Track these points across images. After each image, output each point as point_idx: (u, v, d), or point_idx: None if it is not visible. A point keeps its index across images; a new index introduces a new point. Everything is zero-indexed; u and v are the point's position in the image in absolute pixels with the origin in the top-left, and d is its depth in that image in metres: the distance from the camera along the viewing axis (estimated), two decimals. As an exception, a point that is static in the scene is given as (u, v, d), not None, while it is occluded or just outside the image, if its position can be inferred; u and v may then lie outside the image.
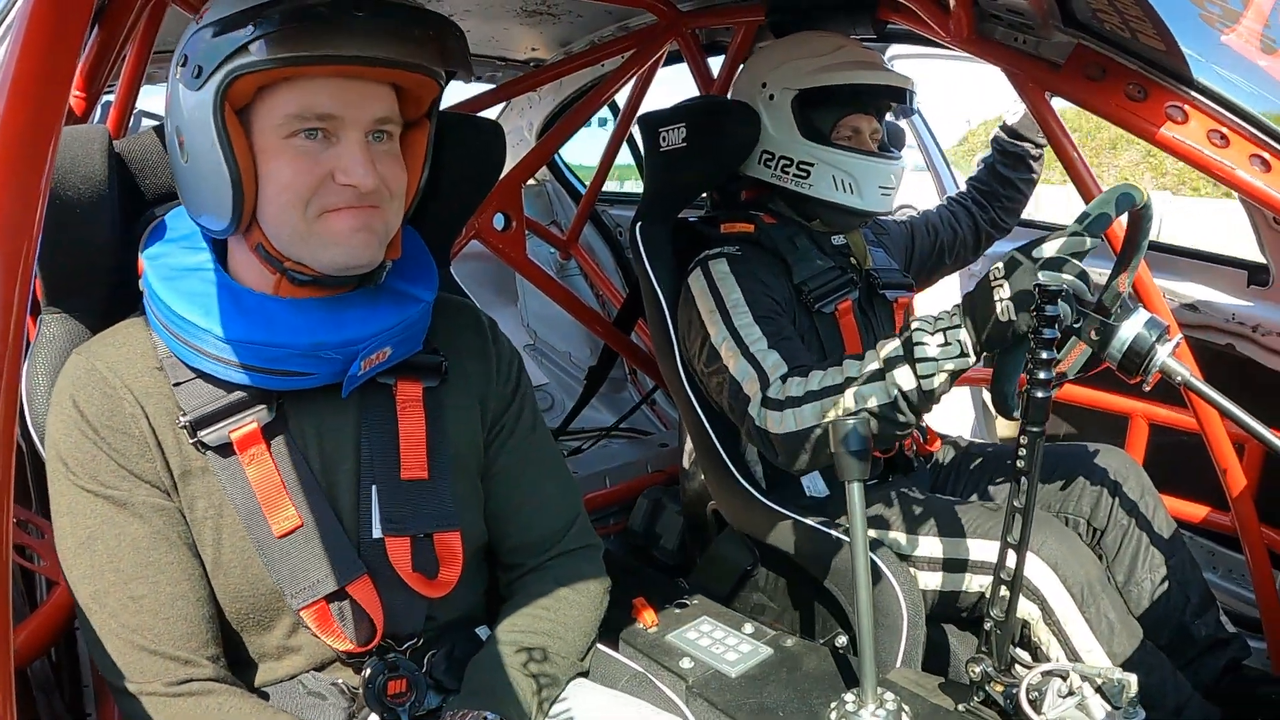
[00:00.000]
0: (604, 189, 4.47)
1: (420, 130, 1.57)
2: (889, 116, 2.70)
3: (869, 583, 1.66)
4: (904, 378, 1.94)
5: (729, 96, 2.80)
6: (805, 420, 2.11)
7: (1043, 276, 1.75)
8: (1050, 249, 1.78)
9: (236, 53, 1.31)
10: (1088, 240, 1.77)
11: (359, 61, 1.35)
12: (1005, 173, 3.04)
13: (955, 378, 1.95)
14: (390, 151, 1.48)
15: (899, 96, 2.59)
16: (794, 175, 2.56)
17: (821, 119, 2.55)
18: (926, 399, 1.95)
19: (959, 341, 1.88)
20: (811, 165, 2.54)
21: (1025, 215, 3.23)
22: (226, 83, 1.33)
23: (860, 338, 2.56)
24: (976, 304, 1.85)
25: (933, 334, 1.91)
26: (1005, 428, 4.10)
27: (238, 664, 1.52)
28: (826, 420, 2.07)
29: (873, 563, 2.22)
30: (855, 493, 1.64)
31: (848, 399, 2.03)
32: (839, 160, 2.53)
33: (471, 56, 4.04)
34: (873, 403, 1.98)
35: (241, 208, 1.40)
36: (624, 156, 4.51)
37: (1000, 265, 1.82)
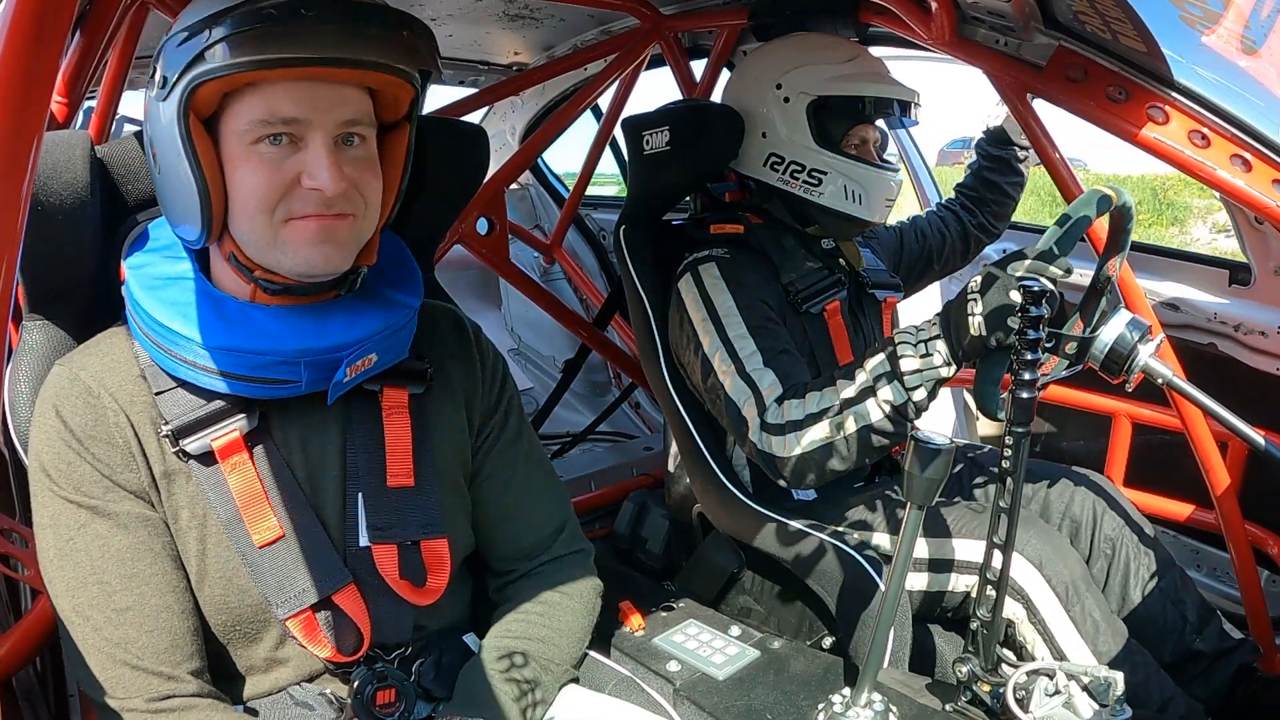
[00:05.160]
0: (587, 193, 4.47)
1: (399, 133, 1.56)
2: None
3: (897, 597, 1.64)
4: (892, 393, 2.02)
5: (721, 94, 2.79)
6: (808, 443, 2.14)
7: (1018, 271, 1.81)
8: (1023, 267, 1.83)
9: (195, 60, 1.31)
10: (1057, 255, 1.83)
11: (314, 63, 1.33)
12: (991, 177, 3.05)
13: (940, 386, 2.02)
14: (362, 156, 1.45)
15: (906, 108, 2.60)
16: (804, 182, 2.55)
17: (834, 127, 2.55)
18: (914, 410, 2.03)
19: (939, 353, 1.96)
20: (825, 174, 2.53)
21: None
22: (188, 91, 1.32)
23: (849, 338, 2.57)
24: (952, 317, 1.93)
25: (914, 345, 1.99)
26: (985, 427, 4.10)
27: (225, 677, 1.51)
28: (828, 441, 2.12)
29: (860, 563, 2.23)
30: (913, 519, 1.62)
31: (845, 419, 2.09)
32: (853, 171, 2.53)
33: (454, 61, 4.08)
34: (868, 420, 2.06)
35: (210, 217, 1.39)
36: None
37: (978, 279, 1.89)
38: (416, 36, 1.41)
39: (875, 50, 2.74)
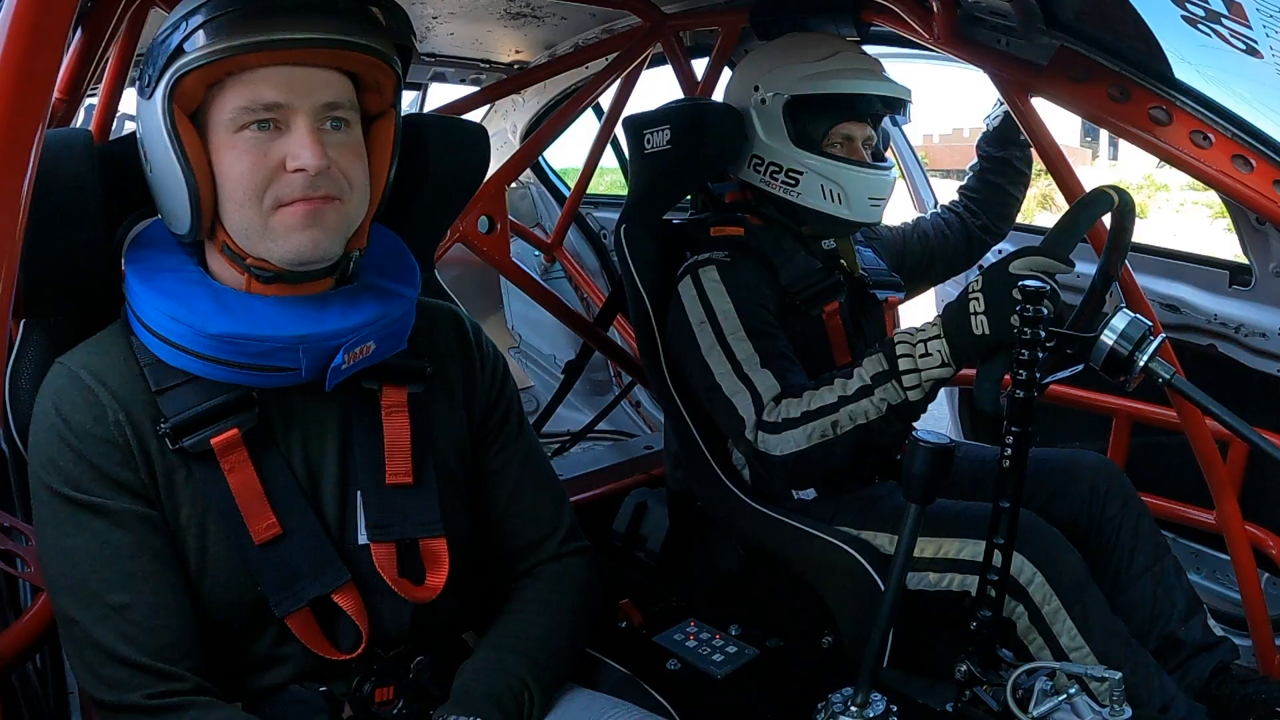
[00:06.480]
0: (588, 191, 4.47)
1: (385, 122, 1.58)
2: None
3: (897, 597, 1.63)
4: (890, 392, 2.02)
5: (721, 98, 2.79)
6: (803, 442, 2.14)
7: (1020, 269, 1.82)
8: (1024, 264, 1.84)
9: (175, 54, 1.35)
10: (1058, 253, 1.86)
11: (287, 44, 1.36)
12: (993, 178, 3.03)
13: (939, 387, 2.02)
14: (347, 141, 1.47)
15: (895, 105, 2.59)
16: (783, 182, 2.55)
17: (814, 126, 2.54)
18: (913, 409, 2.03)
19: (938, 353, 1.96)
20: (800, 173, 2.53)
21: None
22: (171, 84, 1.36)
23: (848, 340, 2.56)
24: (954, 316, 1.93)
25: (913, 345, 1.99)
26: (977, 426, 4.09)
27: (224, 675, 1.50)
28: (824, 440, 2.11)
29: (859, 562, 2.23)
30: (913, 518, 1.62)
31: (842, 418, 2.08)
32: (828, 170, 2.52)
33: (455, 59, 4.08)
34: (864, 419, 2.06)
35: (199, 208, 1.42)
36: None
37: (978, 279, 1.89)
38: (385, 12, 1.45)
39: (876, 49, 2.74)
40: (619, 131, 3.54)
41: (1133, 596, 2.36)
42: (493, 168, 2.59)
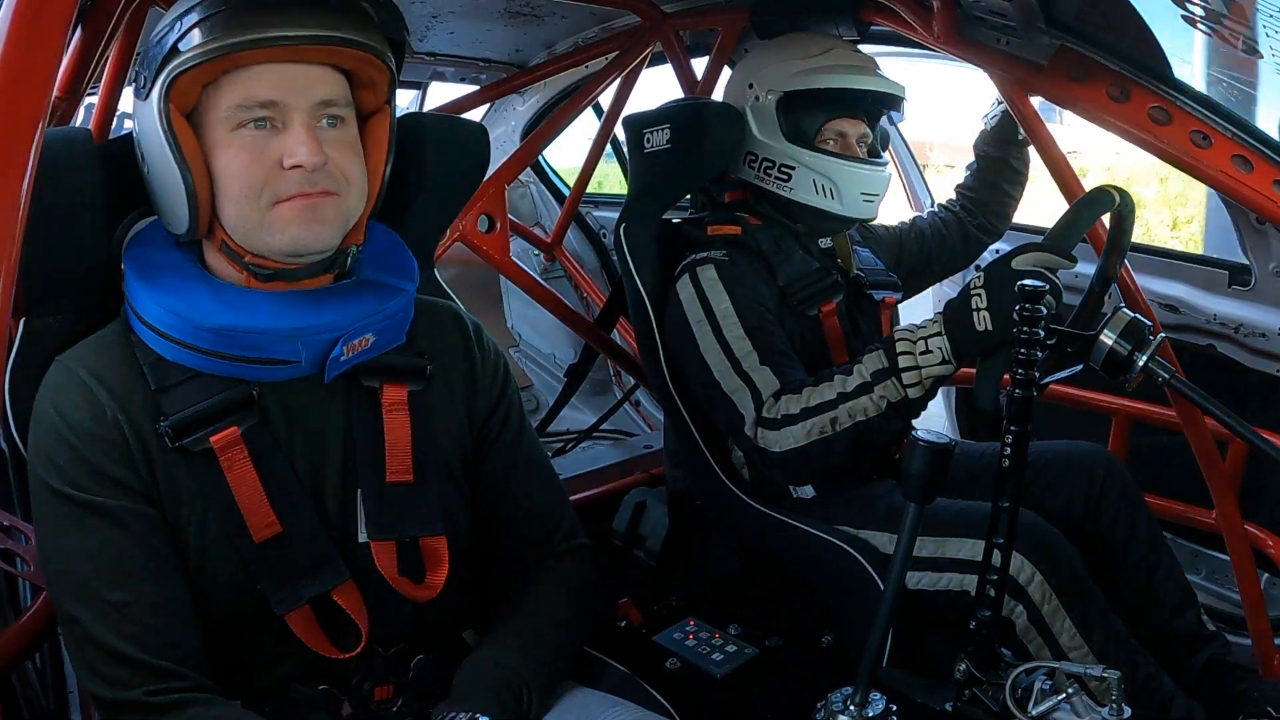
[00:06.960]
0: (588, 191, 4.46)
1: (380, 118, 1.59)
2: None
3: (896, 596, 1.62)
4: (890, 390, 2.02)
5: (720, 98, 2.80)
6: (802, 438, 2.14)
7: (1022, 265, 1.83)
8: (1027, 260, 1.84)
9: (169, 54, 1.37)
10: (1060, 250, 1.86)
11: (282, 42, 1.38)
12: (991, 178, 3.02)
13: (939, 385, 2.02)
14: (343, 138, 1.49)
15: (889, 102, 2.59)
16: (775, 178, 2.56)
17: (807, 122, 2.56)
18: (913, 407, 2.03)
19: (939, 349, 1.96)
20: (793, 169, 2.54)
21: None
22: (167, 83, 1.38)
23: (845, 340, 2.56)
24: (956, 312, 1.93)
25: (914, 343, 1.99)
26: (974, 425, 4.08)
27: (223, 672, 1.51)
28: (823, 436, 2.11)
29: (859, 562, 2.23)
30: (913, 518, 1.61)
31: (841, 415, 2.08)
32: (819, 164, 2.53)
33: (455, 58, 4.07)
34: (864, 416, 2.06)
35: (197, 207, 1.43)
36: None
37: (980, 274, 1.89)
38: (376, 7, 1.46)
39: (875, 48, 2.73)
40: (619, 131, 3.54)
41: (1127, 586, 2.36)
42: (493, 167, 2.59)
